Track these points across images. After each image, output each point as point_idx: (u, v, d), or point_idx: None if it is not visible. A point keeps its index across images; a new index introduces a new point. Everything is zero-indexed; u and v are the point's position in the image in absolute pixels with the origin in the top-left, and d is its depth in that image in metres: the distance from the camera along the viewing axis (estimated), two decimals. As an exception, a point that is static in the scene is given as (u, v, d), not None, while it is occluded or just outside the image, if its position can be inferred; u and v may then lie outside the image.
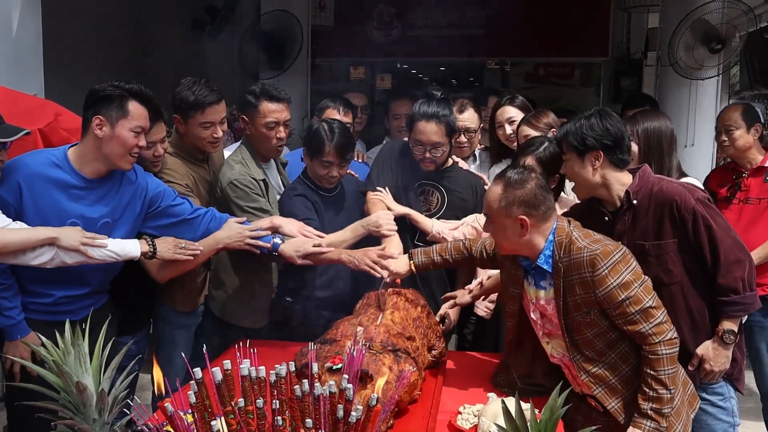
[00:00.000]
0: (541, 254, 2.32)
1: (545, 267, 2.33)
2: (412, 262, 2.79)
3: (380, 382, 1.84)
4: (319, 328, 2.99)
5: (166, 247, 2.72)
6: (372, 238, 2.99)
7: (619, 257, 2.24)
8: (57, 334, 1.56)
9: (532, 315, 2.44)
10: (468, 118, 3.78)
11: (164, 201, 2.82)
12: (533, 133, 3.21)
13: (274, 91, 3.14)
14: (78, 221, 2.57)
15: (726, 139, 3.87)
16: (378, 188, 3.20)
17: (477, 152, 4.04)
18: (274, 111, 3.10)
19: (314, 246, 2.78)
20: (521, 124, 3.37)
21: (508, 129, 3.68)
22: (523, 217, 2.28)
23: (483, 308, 3.23)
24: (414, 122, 3.14)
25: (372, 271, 2.72)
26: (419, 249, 2.84)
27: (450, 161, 3.33)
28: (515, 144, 3.46)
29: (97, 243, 2.51)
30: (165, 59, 7.09)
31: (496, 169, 3.68)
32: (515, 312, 2.51)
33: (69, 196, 2.57)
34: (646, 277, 2.29)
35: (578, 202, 2.91)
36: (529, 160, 2.83)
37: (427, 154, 3.14)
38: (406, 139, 3.35)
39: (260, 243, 2.82)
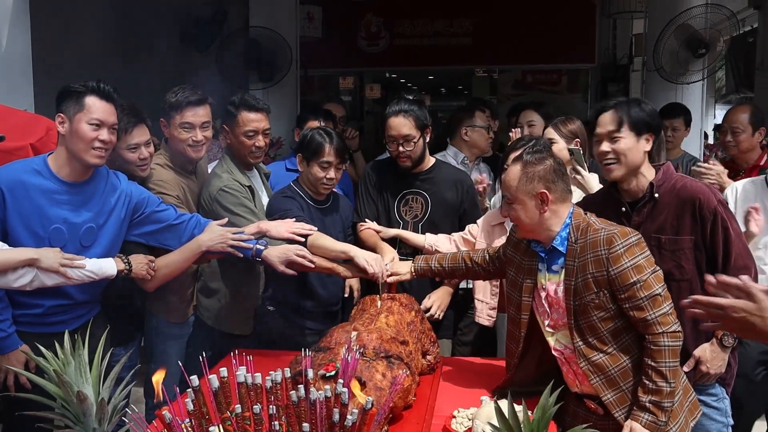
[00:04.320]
0: (557, 236, 2.36)
1: (560, 248, 2.36)
2: (413, 266, 2.88)
3: (357, 392, 1.86)
4: (302, 336, 3.05)
5: (141, 264, 2.75)
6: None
7: (635, 240, 2.28)
8: (56, 345, 1.58)
9: (543, 302, 2.45)
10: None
11: (148, 207, 2.84)
12: (556, 137, 3.26)
13: (252, 101, 3.19)
14: (62, 227, 2.59)
15: (731, 139, 3.91)
16: (366, 220, 3.30)
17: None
18: (252, 120, 3.15)
19: (297, 255, 2.79)
20: (548, 126, 3.42)
21: (526, 131, 3.75)
22: (544, 191, 2.32)
23: (486, 316, 3.26)
24: (385, 121, 3.25)
25: (372, 271, 2.79)
26: (421, 256, 2.95)
27: (431, 161, 3.38)
28: None
29: (76, 264, 2.51)
30: (153, 72, 7.09)
31: None
32: (528, 305, 2.49)
33: (51, 202, 2.58)
34: (658, 267, 2.32)
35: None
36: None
37: (401, 149, 3.20)
38: (380, 157, 3.42)
39: (243, 245, 2.83)
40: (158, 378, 1.65)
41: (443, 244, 3.17)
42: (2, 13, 3.81)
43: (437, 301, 3.21)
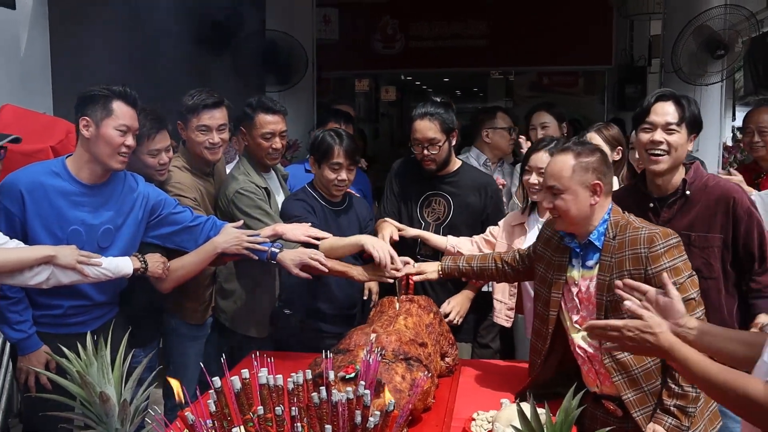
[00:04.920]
0: (594, 230, 2.35)
1: (597, 243, 2.35)
2: (440, 265, 2.87)
3: (388, 395, 1.86)
4: (318, 340, 3.02)
5: (156, 263, 2.76)
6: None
7: (675, 243, 2.27)
8: (79, 346, 1.58)
9: (574, 298, 2.42)
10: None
11: (165, 209, 2.85)
12: (600, 141, 3.25)
13: (270, 103, 3.20)
14: (80, 228, 2.60)
15: (759, 140, 3.87)
16: (387, 219, 3.28)
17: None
18: (270, 122, 3.15)
19: (311, 258, 2.79)
20: (591, 130, 3.41)
21: (540, 133, 3.73)
22: (598, 182, 2.31)
23: (504, 317, 3.25)
24: (411, 123, 3.24)
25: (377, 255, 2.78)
26: (449, 256, 2.94)
27: (458, 163, 3.37)
28: None
29: (93, 261, 2.53)
30: (170, 75, 7.12)
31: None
32: (557, 301, 2.47)
33: (70, 204, 2.60)
34: (694, 272, 2.30)
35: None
36: (542, 154, 2.86)
37: (425, 152, 3.20)
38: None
39: (258, 247, 2.84)
40: (176, 384, 1.66)
41: (465, 246, 3.15)
42: (21, 17, 3.84)
43: (456, 306, 3.19)
